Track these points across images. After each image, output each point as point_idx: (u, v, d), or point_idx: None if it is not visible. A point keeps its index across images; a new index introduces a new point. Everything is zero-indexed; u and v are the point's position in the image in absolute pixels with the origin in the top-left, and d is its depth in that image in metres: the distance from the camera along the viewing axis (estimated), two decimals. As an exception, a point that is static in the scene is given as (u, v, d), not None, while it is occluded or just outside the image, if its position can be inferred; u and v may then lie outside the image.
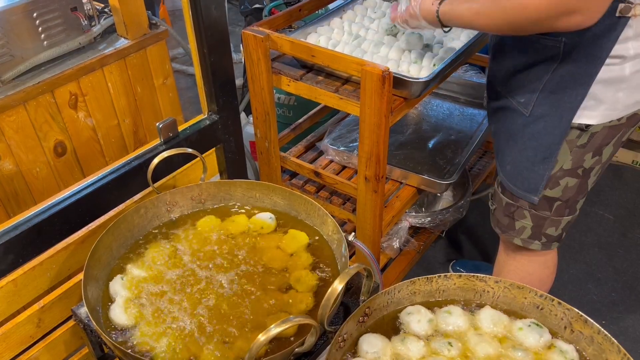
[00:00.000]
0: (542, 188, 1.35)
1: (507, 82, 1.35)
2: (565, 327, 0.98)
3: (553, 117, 1.27)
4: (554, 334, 0.98)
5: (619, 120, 1.25)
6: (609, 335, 0.91)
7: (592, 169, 1.33)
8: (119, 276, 1.14)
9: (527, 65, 1.28)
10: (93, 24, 1.99)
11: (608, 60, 1.16)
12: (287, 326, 0.83)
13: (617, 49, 1.15)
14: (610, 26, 1.12)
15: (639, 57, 1.16)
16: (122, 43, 2.00)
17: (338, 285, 0.87)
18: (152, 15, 2.07)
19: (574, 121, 1.24)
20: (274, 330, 0.82)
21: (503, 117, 1.40)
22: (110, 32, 2.05)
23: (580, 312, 0.95)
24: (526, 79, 1.29)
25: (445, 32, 1.40)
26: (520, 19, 1.10)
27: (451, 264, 2.27)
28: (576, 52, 1.18)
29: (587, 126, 1.25)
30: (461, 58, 1.57)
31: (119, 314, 1.06)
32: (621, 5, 1.09)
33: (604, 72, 1.18)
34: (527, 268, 1.55)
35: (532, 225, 1.43)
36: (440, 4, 1.28)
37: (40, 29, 1.82)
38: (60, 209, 1.23)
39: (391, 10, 1.47)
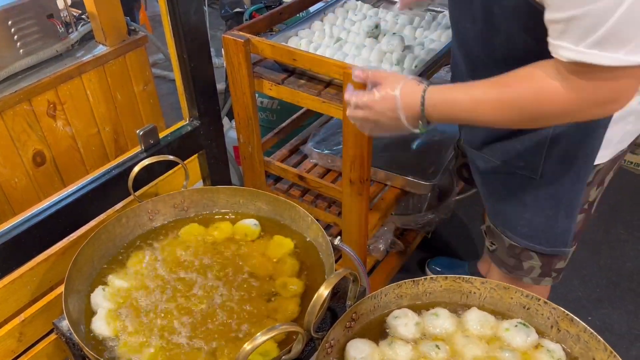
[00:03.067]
0: (572, 237, 1.27)
1: (491, 144, 1.19)
2: (551, 327, 0.98)
3: (571, 174, 1.16)
4: (540, 334, 0.98)
5: (622, 150, 1.22)
6: (595, 333, 0.91)
7: (596, 199, 1.30)
8: (100, 287, 1.11)
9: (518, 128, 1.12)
10: (70, 31, 1.96)
11: None
12: (273, 334, 0.82)
13: None
14: None
15: None
16: (101, 50, 1.97)
17: (324, 291, 0.86)
18: (130, 21, 2.04)
19: None
20: (260, 338, 0.80)
21: (498, 180, 1.26)
22: (88, 38, 2.02)
23: (566, 311, 0.95)
24: (521, 141, 1.13)
25: (420, 132, 1.05)
26: (542, 111, 0.91)
27: (427, 262, 2.27)
28: None
29: (596, 166, 1.19)
30: (443, 59, 1.58)
31: (101, 326, 1.04)
32: None
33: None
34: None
35: (542, 264, 1.34)
36: (425, 89, 1.00)
37: (16, 37, 1.79)
38: (40, 220, 1.20)
39: (345, 93, 1.13)
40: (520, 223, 1.28)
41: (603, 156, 1.18)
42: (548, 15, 0.85)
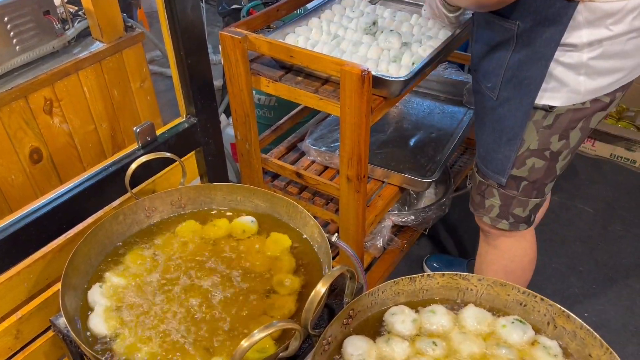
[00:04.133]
0: (509, 169, 1.40)
1: (478, 67, 1.41)
2: (548, 323, 0.98)
3: (516, 100, 1.32)
4: (537, 330, 0.98)
5: (582, 104, 1.29)
6: (592, 330, 0.91)
7: (560, 152, 1.37)
8: (97, 285, 1.11)
9: (491, 50, 1.34)
10: (67, 27, 1.96)
11: (564, 47, 1.21)
12: (270, 331, 0.82)
13: (571, 36, 1.20)
14: (561, 10, 1.17)
15: (595, 45, 1.21)
16: (98, 46, 1.97)
17: (321, 288, 0.86)
18: (127, 17, 2.03)
19: (537, 102, 1.29)
20: (258, 335, 0.80)
21: (477, 100, 1.47)
22: (84, 35, 2.01)
23: (562, 308, 0.96)
24: (491, 63, 1.35)
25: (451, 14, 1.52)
26: None
27: (425, 259, 2.28)
28: (531, 36, 1.23)
29: (552, 107, 1.29)
30: (440, 56, 1.58)
31: (99, 323, 1.04)
32: None
33: (563, 57, 1.23)
34: (508, 255, 1.59)
35: (500, 204, 1.49)
36: None
37: (12, 33, 1.78)
38: (37, 217, 1.20)
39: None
40: (480, 143, 1.48)
41: (556, 98, 1.28)
42: None
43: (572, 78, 1.25)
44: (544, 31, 1.21)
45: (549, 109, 1.30)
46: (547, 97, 1.29)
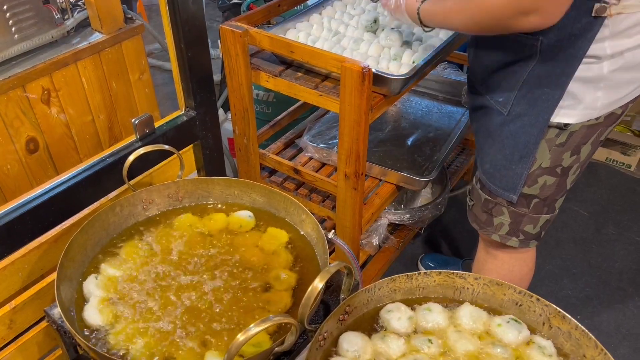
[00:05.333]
0: (521, 187, 1.36)
1: (485, 81, 1.36)
2: (543, 323, 0.98)
3: (530, 116, 1.27)
4: (532, 330, 0.99)
5: (597, 119, 1.26)
6: (586, 330, 0.92)
7: (571, 167, 1.34)
8: (92, 275, 1.11)
9: (505, 64, 1.28)
10: (66, 17, 1.94)
11: (585, 60, 1.17)
12: (266, 325, 0.82)
13: (593, 49, 1.16)
14: (587, 25, 1.13)
15: (617, 56, 1.17)
16: (97, 37, 1.95)
17: (318, 284, 0.86)
18: (127, 9, 2.02)
19: (552, 120, 1.25)
20: (254, 329, 0.80)
21: (482, 115, 1.40)
22: (84, 25, 2.00)
23: (558, 308, 0.96)
24: (504, 77, 1.29)
25: (425, 31, 1.39)
26: (485, 18, 1.13)
27: (420, 258, 2.28)
28: (553, 51, 1.19)
29: (566, 125, 1.25)
30: (440, 55, 1.57)
31: (93, 314, 1.03)
32: (597, 5, 1.10)
33: (582, 71, 1.19)
34: (507, 266, 1.56)
35: (510, 221, 1.43)
36: (422, 1, 1.30)
37: (10, 22, 1.76)
38: (32, 207, 1.19)
39: None
40: (486, 159, 1.40)
41: (572, 115, 1.24)
42: None
43: (589, 94, 1.21)
44: (568, 46, 1.16)
45: (563, 127, 1.26)
46: (563, 114, 1.24)
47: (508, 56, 1.27)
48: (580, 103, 1.22)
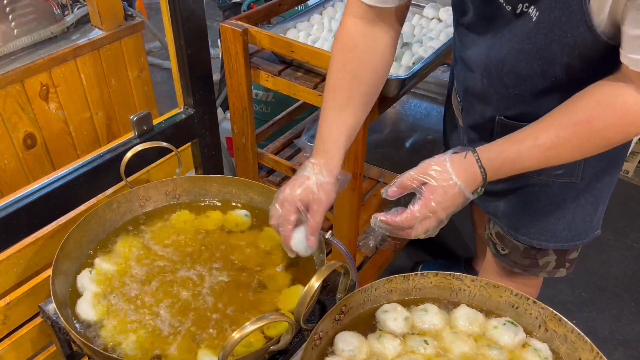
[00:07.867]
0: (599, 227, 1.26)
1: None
2: (539, 326, 0.98)
3: (610, 170, 1.16)
4: (528, 333, 0.99)
5: None
6: (582, 334, 0.92)
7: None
8: (87, 270, 1.10)
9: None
10: (66, 13, 1.94)
11: None
12: (263, 324, 0.81)
13: None
14: None
15: None
16: (96, 34, 1.95)
17: (315, 283, 0.86)
18: (127, 6, 2.02)
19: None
20: (249, 327, 0.80)
21: (535, 193, 1.20)
22: (84, 22, 1.99)
23: (554, 311, 0.96)
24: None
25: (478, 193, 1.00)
26: (628, 133, 0.89)
27: (420, 267, 2.24)
28: None
29: (627, 172, 1.19)
30: (440, 57, 1.58)
31: (87, 309, 1.03)
32: None
33: None
34: (524, 289, 1.49)
35: (557, 257, 1.33)
36: (478, 161, 0.95)
37: (10, 16, 1.76)
38: (28, 203, 1.18)
39: (389, 219, 1.04)
40: (559, 228, 1.24)
41: (629, 159, 1.21)
42: (631, 31, 0.81)
43: None
44: None
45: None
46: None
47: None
48: (629, 143, 1.15)
